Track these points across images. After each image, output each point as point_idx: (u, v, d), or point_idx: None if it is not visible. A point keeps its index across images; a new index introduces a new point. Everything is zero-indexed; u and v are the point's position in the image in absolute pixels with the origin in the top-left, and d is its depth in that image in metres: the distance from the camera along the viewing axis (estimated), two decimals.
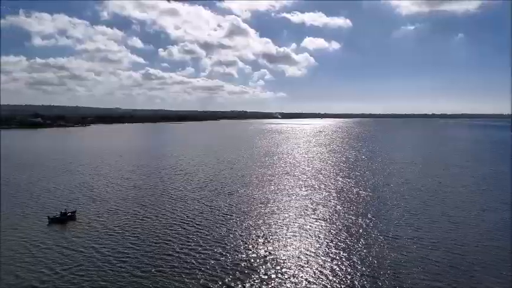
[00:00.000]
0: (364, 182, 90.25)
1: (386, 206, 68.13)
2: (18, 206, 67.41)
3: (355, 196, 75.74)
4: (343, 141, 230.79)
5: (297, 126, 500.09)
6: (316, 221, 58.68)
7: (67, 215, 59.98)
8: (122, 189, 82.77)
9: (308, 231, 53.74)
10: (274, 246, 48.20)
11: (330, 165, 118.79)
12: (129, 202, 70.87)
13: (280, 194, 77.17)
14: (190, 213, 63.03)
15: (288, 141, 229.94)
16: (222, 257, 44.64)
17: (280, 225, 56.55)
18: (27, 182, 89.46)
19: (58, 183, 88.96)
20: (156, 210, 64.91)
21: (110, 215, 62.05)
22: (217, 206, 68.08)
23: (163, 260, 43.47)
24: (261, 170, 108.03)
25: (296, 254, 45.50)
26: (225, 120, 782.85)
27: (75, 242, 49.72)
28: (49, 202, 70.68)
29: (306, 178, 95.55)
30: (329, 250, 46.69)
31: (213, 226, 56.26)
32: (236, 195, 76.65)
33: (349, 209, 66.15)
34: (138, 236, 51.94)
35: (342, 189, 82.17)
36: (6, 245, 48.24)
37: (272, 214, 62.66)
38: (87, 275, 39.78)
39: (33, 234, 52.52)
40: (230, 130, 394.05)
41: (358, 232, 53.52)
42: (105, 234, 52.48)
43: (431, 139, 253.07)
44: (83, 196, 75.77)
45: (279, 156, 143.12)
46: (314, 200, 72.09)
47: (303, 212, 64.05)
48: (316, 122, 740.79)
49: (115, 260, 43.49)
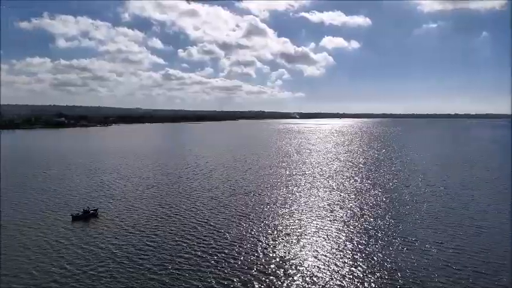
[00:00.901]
0: (383, 184, 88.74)
1: (406, 208, 66.77)
2: (42, 204, 69.70)
3: (374, 198, 74.58)
4: (363, 141, 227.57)
5: (315, 126, 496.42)
6: (334, 223, 58.13)
7: (89, 212, 61.69)
8: (142, 188, 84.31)
9: (325, 233, 53.29)
10: (290, 247, 48.04)
11: (349, 166, 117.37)
12: (148, 201, 72.13)
13: (297, 195, 76.83)
14: (207, 213, 63.57)
15: (306, 141, 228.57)
16: (237, 257, 44.82)
17: (297, 226, 56.31)
18: (51, 181, 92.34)
19: (80, 181, 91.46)
20: (174, 210, 65.79)
21: (130, 214, 63.35)
22: (234, 206, 68.41)
23: (180, 260, 44.00)
24: (279, 171, 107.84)
25: (313, 255, 45.22)
26: (243, 120, 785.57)
27: (97, 239, 51.00)
28: (72, 200, 72.71)
29: (323, 179, 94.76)
30: (346, 252, 46.17)
31: (229, 226, 56.56)
32: (253, 195, 76.80)
33: (367, 210, 65.21)
34: (156, 235, 52.78)
35: (361, 191, 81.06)
36: (31, 242, 49.97)
37: (289, 215, 62.47)
38: (107, 271, 40.74)
39: (56, 231, 54.19)
40: (248, 130, 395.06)
41: (376, 234, 52.67)
42: (125, 232, 53.60)
43: (454, 139, 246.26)
44: (104, 195, 77.62)
45: (296, 157, 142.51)
46: (332, 201, 71.42)
47: (320, 213, 63.56)
48: (335, 122, 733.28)
49: (134, 258, 44.34)
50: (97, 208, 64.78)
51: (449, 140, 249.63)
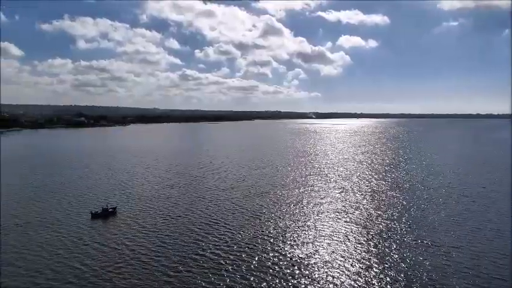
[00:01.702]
0: (400, 185, 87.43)
1: (424, 210, 65.64)
2: (63, 202, 71.77)
3: (391, 199, 73.60)
4: (379, 142, 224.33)
5: (332, 126, 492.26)
6: (349, 224, 57.71)
7: (108, 210, 63.27)
8: (158, 187, 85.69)
9: (340, 235, 52.99)
10: (305, 248, 48.00)
11: (365, 167, 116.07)
12: (164, 200, 73.28)
13: (312, 196, 76.57)
14: (222, 213, 64.13)
15: (322, 141, 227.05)
16: (251, 257, 45.11)
17: (312, 228, 56.17)
18: (71, 179, 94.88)
19: (99, 180, 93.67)
20: (189, 210, 66.64)
21: (147, 212, 64.56)
22: (248, 206, 68.75)
23: (196, 259, 44.59)
24: (294, 171, 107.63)
25: (328, 257, 45.06)
26: (259, 120, 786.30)
27: (115, 237, 52.23)
28: (91, 198, 74.59)
29: (339, 180, 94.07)
30: (362, 254, 45.80)
31: (243, 227, 56.91)
32: (268, 196, 76.96)
33: (383, 212, 64.44)
34: (172, 234, 53.63)
35: (377, 192, 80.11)
36: (52, 238, 51.60)
37: (304, 216, 62.37)
38: (124, 269, 41.75)
39: (77, 228, 55.76)
40: (264, 130, 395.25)
41: (393, 237, 52.03)
42: (143, 231, 54.69)
43: (475, 140, 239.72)
44: (122, 193, 79.29)
45: (312, 157, 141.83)
46: (347, 203, 70.88)
47: (335, 214, 63.21)
48: (352, 122, 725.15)
49: (150, 257, 45.27)
50: (115, 206, 66.31)
51: (470, 140, 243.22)
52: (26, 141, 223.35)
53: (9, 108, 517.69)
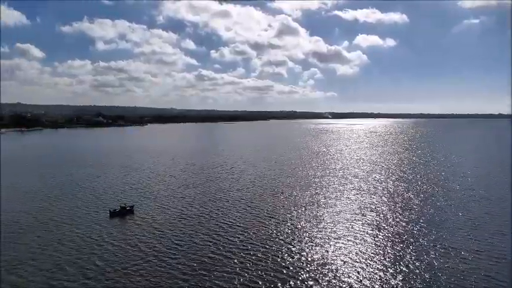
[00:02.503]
0: (418, 187, 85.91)
1: (443, 213, 64.31)
2: (82, 200, 73.54)
3: (408, 201, 72.43)
4: (397, 142, 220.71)
5: (348, 126, 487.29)
6: (365, 226, 57.10)
7: (126, 209, 64.55)
8: (174, 186, 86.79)
9: (356, 236, 52.48)
10: (319, 250, 47.76)
11: (381, 168, 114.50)
12: (180, 200, 74.18)
13: (327, 197, 76.10)
14: (236, 214, 64.43)
15: (338, 142, 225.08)
16: (265, 259, 45.14)
17: (327, 229, 55.83)
18: (89, 178, 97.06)
19: (117, 179, 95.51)
20: (204, 209, 67.23)
21: (163, 211, 65.52)
22: (262, 206, 68.84)
23: (208, 259, 44.90)
24: (309, 172, 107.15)
25: (342, 259, 44.71)
26: (274, 120, 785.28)
27: (132, 235, 53.23)
28: (109, 196, 76.17)
29: (355, 181, 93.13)
30: (377, 257, 45.27)
31: (257, 227, 56.96)
32: (282, 196, 76.88)
33: (400, 214, 63.48)
34: (188, 233, 54.23)
35: (394, 194, 78.96)
36: (73, 235, 52.99)
37: (319, 217, 62.06)
38: (140, 266, 42.51)
39: (97, 225, 57.12)
40: (279, 130, 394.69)
41: (409, 240, 51.20)
42: (158, 230, 55.53)
43: (497, 140, 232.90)
44: (139, 192, 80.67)
45: (327, 158, 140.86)
46: (363, 204, 70.14)
47: (351, 216, 62.64)
48: (369, 122, 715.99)
49: (166, 256, 45.95)
50: (133, 205, 67.57)
51: (492, 141, 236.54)
52: (46, 141, 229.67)
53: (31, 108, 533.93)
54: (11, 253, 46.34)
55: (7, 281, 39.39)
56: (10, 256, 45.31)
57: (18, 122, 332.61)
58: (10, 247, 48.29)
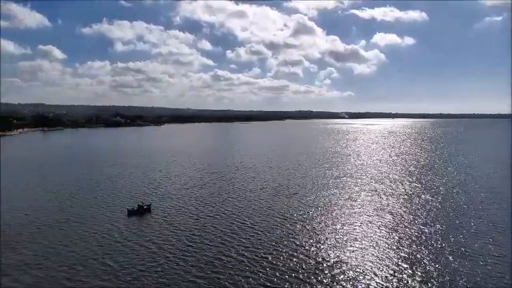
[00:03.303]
0: (436, 189, 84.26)
1: (463, 216, 62.91)
2: (100, 199, 75.29)
3: (426, 203, 71.17)
4: (415, 143, 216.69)
5: (365, 126, 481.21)
6: (381, 228, 56.45)
7: (143, 208, 65.80)
8: (190, 186, 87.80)
9: (371, 239, 51.93)
10: (333, 252, 47.49)
11: (398, 169, 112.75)
12: (195, 199, 75.02)
13: (343, 198, 75.54)
14: (250, 214, 64.64)
15: (354, 142, 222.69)
16: (277, 260, 45.18)
17: (341, 231, 55.45)
18: (108, 177, 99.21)
19: (135, 178, 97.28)
20: (218, 209, 67.76)
21: (179, 211, 66.45)
22: (276, 207, 68.85)
23: (221, 260, 45.15)
24: (324, 172, 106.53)
25: (357, 262, 44.33)
26: (290, 120, 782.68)
27: (150, 234, 54.19)
28: (127, 196, 77.64)
29: (371, 182, 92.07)
30: (393, 260, 44.71)
31: (270, 228, 57.02)
32: (297, 197, 76.69)
33: (418, 217, 62.47)
34: (201, 233, 54.83)
35: (411, 195, 77.71)
36: (93, 232, 54.38)
37: (333, 219, 61.70)
38: (154, 265, 43.31)
39: (116, 224, 58.48)
40: (295, 130, 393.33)
41: (427, 243, 50.33)
42: (175, 229, 56.39)
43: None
44: (156, 191, 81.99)
45: (343, 158, 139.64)
46: (379, 206, 69.32)
47: (366, 218, 62.01)
48: (387, 122, 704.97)
49: (182, 256, 46.65)
50: (150, 203, 68.80)
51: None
52: (67, 140, 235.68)
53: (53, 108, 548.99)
54: (29, 251, 47.64)
55: (24, 279, 40.50)
56: (29, 254, 46.53)
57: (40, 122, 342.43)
58: (29, 245, 49.71)
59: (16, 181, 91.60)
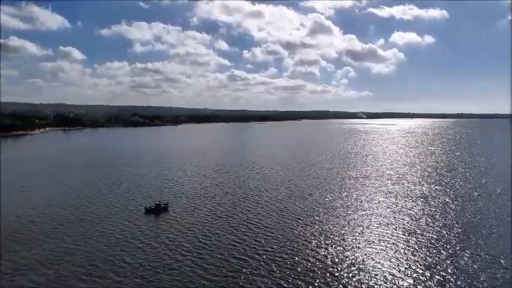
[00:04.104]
0: (456, 191, 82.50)
1: (483, 220, 61.43)
2: (120, 197, 77.01)
3: (444, 206, 69.84)
4: (434, 143, 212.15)
5: (383, 126, 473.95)
6: (397, 231, 55.76)
7: (161, 206, 67.06)
8: (205, 185, 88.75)
9: (387, 243, 51.37)
10: (348, 255, 47.22)
11: (416, 170, 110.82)
12: (211, 199, 75.84)
13: (359, 200, 74.91)
14: (264, 215, 64.88)
15: (372, 142, 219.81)
16: (291, 261, 45.29)
17: (357, 233, 55.07)
18: (126, 176, 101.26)
19: (152, 177, 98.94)
20: (233, 209, 68.27)
21: (195, 210, 67.34)
22: (291, 208, 68.85)
23: (235, 260, 45.65)
24: (340, 173, 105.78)
25: (372, 265, 44.01)
26: (306, 120, 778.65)
27: (166, 232, 55.23)
28: (144, 194, 79.11)
29: (389, 183, 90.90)
30: (410, 264, 44.14)
31: (285, 229, 57.12)
32: (312, 198, 76.45)
33: (436, 220, 61.39)
34: (216, 232, 55.47)
35: (429, 198, 76.36)
36: (112, 230, 55.79)
37: (348, 221, 61.29)
38: (170, 263, 44.14)
39: (135, 221, 59.84)
40: (311, 130, 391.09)
41: (445, 246, 49.46)
42: (191, 228, 57.24)
43: None
44: (173, 190, 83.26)
45: (360, 159, 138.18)
46: (396, 208, 68.45)
47: (382, 220, 61.36)
48: (405, 122, 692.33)
49: (197, 255, 47.39)
50: (167, 202, 70.02)
51: None
52: (87, 140, 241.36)
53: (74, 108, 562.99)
54: (48, 249, 49.11)
55: (42, 277, 41.75)
56: (47, 252, 47.88)
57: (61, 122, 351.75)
58: (47, 243, 51.23)
59: (36, 180, 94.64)
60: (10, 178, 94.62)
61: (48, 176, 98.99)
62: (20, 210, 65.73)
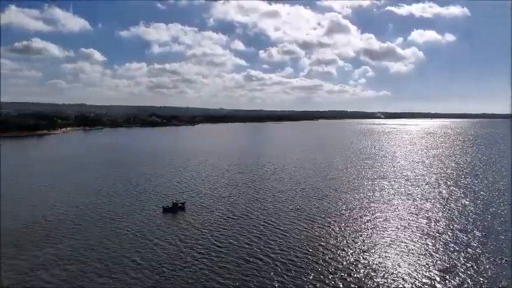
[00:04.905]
0: (476, 193, 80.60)
1: (503, 223, 59.88)
2: (139, 196, 78.67)
3: (464, 208, 68.40)
4: (454, 144, 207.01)
5: (402, 127, 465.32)
6: (416, 233, 55.10)
7: (178, 205, 68.17)
8: (221, 185, 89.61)
9: (406, 245, 50.82)
10: (364, 257, 46.95)
11: (436, 172, 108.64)
12: (226, 198, 76.58)
13: (376, 201, 74.13)
14: (279, 215, 65.19)
15: (390, 143, 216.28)
16: (305, 262, 45.48)
17: (374, 235, 54.68)
18: (145, 176, 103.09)
19: (170, 177, 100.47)
20: (248, 209, 68.81)
21: (211, 208, 68.25)
22: (307, 209, 68.90)
23: (249, 262, 46.07)
24: (358, 174, 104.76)
25: (390, 268, 43.67)
26: (323, 120, 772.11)
27: (182, 230, 56.30)
28: (162, 193, 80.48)
29: (407, 185, 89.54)
30: (427, 266, 43.63)
31: (299, 230, 57.28)
32: (327, 199, 76.05)
33: (455, 222, 60.24)
34: (231, 232, 56.13)
35: (448, 200, 74.87)
36: (132, 227, 57.07)
37: (365, 222, 60.86)
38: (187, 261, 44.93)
39: (153, 219, 61.15)
40: (328, 130, 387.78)
41: (464, 249, 48.59)
42: (206, 226, 58.20)
43: None
44: (190, 190, 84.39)
45: (378, 160, 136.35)
46: (414, 210, 67.45)
47: (400, 222, 60.62)
48: (425, 122, 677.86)
49: (213, 253, 48.15)
50: (184, 201, 71.11)
51: None
52: (107, 139, 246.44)
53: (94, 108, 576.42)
54: (67, 246, 50.62)
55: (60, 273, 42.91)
56: (66, 249, 49.35)
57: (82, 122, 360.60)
58: (66, 240, 52.80)
59: (54, 179, 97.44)
60: (29, 178, 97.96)
61: (66, 175, 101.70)
62: (37, 209, 67.71)
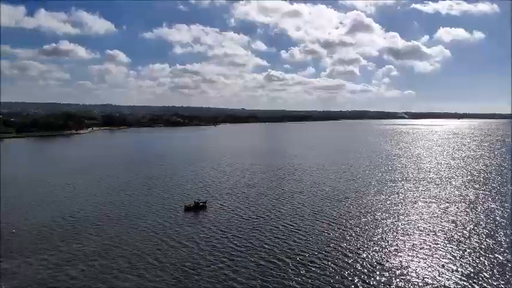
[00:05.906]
0: (504, 197, 77.75)
1: None
2: (161, 194, 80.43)
3: (491, 213, 66.19)
4: (483, 145, 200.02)
5: (427, 127, 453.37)
6: (440, 238, 53.82)
7: (199, 204, 69.44)
8: (243, 185, 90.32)
9: (429, 250, 49.76)
10: (386, 262, 46.30)
11: (462, 174, 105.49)
12: (247, 198, 77.18)
13: (399, 204, 72.86)
14: (299, 217, 64.84)
15: (415, 144, 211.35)
16: (323, 266, 45.24)
17: (396, 239, 53.78)
18: (168, 175, 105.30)
19: (192, 176, 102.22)
20: (269, 210, 68.98)
21: (232, 209, 68.95)
22: (327, 211, 68.38)
23: (269, 263, 46.12)
24: (380, 176, 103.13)
25: (413, 274, 42.92)
26: (345, 120, 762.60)
27: (204, 230, 57.22)
28: (183, 192, 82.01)
29: (432, 187, 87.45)
30: (453, 274, 42.56)
31: (319, 233, 56.91)
32: (349, 201, 75.20)
33: (482, 227, 58.42)
34: (251, 233, 56.41)
35: (475, 203, 72.64)
36: (151, 225, 58.62)
37: (388, 226, 59.92)
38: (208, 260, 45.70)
39: (174, 218, 62.58)
40: (350, 131, 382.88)
41: (490, 257, 47.10)
42: (227, 226, 58.87)
43: None
44: (211, 189, 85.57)
45: (402, 161, 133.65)
46: (439, 214, 65.87)
47: (425, 226, 59.34)
48: (451, 122, 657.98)
49: (233, 255, 48.69)
50: (206, 201, 72.33)
51: None
52: (132, 139, 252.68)
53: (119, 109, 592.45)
54: (91, 242, 52.17)
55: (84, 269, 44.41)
56: (90, 246, 50.72)
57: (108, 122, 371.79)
58: (91, 237, 54.39)
59: (82, 178, 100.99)
60: (57, 177, 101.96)
61: (91, 174, 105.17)
62: (62, 207, 70.08)
